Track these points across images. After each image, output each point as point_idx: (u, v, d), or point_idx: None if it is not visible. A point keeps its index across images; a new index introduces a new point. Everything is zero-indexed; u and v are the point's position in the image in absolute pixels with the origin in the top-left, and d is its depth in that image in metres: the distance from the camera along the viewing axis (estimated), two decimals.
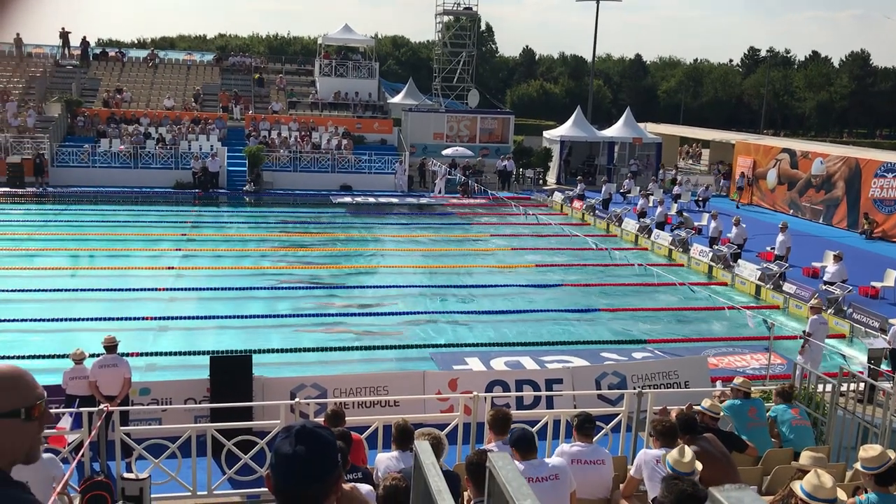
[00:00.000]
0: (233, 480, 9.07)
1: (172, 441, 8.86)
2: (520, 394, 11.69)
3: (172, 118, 38.59)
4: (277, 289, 18.99)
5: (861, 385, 11.14)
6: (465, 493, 5.59)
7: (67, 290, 17.95)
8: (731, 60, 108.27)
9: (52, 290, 17.72)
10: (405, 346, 15.14)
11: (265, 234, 26.12)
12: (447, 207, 33.83)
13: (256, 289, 18.81)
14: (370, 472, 6.53)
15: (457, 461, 8.45)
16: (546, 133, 46.74)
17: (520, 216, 29.82)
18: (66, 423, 8.79)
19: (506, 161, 39.57)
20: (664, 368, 12.83)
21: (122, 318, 15.71)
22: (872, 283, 20.22)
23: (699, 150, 62.97)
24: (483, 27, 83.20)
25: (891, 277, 20.33)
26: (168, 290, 18.34)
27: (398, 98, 50.56)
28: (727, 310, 16.95)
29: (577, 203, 32.95)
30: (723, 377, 13.02)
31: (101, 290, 17.91)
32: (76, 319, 15.58)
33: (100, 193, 32.39)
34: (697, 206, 34.64)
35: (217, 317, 16.35)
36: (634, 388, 10.85)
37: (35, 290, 17.69)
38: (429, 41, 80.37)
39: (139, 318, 15.91)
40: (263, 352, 13.89)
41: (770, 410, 9.10)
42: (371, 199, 34.42)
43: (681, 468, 5.79)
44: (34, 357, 13.24)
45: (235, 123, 39.49)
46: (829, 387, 9.84)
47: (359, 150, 38.39)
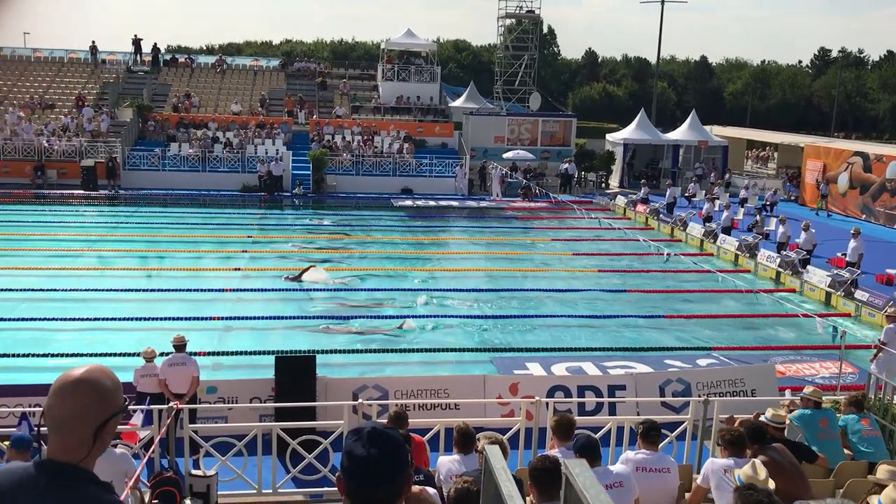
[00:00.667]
0: (296, 479, 9.19)
1: (238, 439, 9.03)
2: (582, 399, 11.58)
3: (239, 123, 39.41)
4: (338, 290, 19.18)
5: None
6: (528, 499, 5.56)
7: (138, 290, 18.47)
8: (801, 61, 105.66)
9: (123, 290, 18.25)
10: (465, 350, 15.14)
11: (327, 237, 26.43)
12: (508, 211, 33.75)
13: (318, 290, 19.05)
14: (432, 475, 6.55)
15: (518, 466, 8.43)
16: (609, 136, 46.26)
17: (581, 220, 29.58)
18: (138, 420, 9.04)
19: (567, 164, 39.29)
20: (730, 376, 12.55)
21: (190, 318, 16.09)
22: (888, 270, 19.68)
23: (767, 154, 61.50)
24: (545, 30, 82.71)
25: None
26: (234, 291, 18.71)
27: (459, 102, 50.65)
28: (796, 317, 16.52)
29: (641, 207, 32.52)
30: (791, 386, 12.68)
31: (170, 291, 18.39)
32: (146, 319, 16.02)
33: (169, 196, 33.28)
34: (764, 211, 33.82)
35: (282, 317, 16.61)
36: (699, 396, 10.64)
37: (106, 290, 18.23)
38: (490, 44, 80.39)
39: (207, 318, 16.28)
40: (326, 352, 14.06)
41: (840, 420, 8.83)
42: (431, 203, 34.58)
43: (756, 484, 5.63)
44: (106, 355, 13.65)
45: (300, 128, 40.11)
46: None
47: (420, 154, 38.61)
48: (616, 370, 13.63)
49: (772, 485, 5.80)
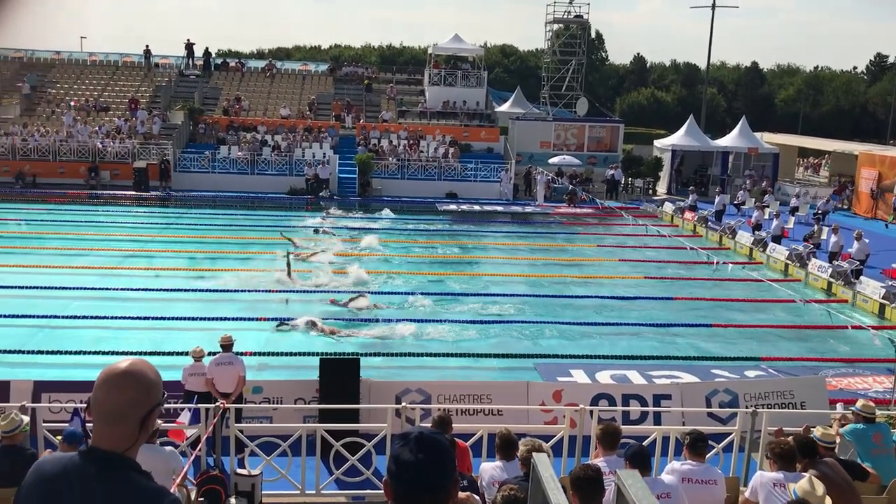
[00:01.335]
0: (339, 481, 9.25)
1: (283, 439, 9.12)
2: (627, 408, 11.45)
3: (288, 126, 39.89)
4: (380, 293, 19.23)
5: None
6: None
7: (186, 290, 18.75)
8: (856, 68, 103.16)
9: (172, 290, 18.57)
10: (509, 356, 15.08)
11: (372, 240, 26.53)
12: (553, 216, 33.58)
13: (362, 293, 19.10)
14: (475, 481, 6.53)
15: (561, 474, 8.36)
16: (657, 142, 45.80)
17: (628, 226, 29.31)
18: (185, 419, 9.18)
19: (614, 170, 38.98)
20: (779, 388, 12.30)
21: (237, 318, 16.31)
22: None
23: (819, 162, 60.27)
24: (593, 34, 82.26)
25: None
26: (281, 292, 18.90)
27: (505, 107, 50.58)
28: (848, 328, 16.13)
29: (689, 214, 32.11)
30: (843, 399, 12.38)
31: (218, 291, 18.66)
32: (194, 318, 16.29)
33: (218, 198, 33.80)
34: (816, 220, 33.11)
35: (326, 318, 16.73)
36: (747, 407, 10.45)
37: (156, 290, 18.58)
38: (538, 49, 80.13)
39: (253, 319, 16.48)
40: (370, 355, 14.12)
41: (894, 435, 8.60)
42: (476, 207, 34.58)
43: (813, 500, 5.50)
44: (155, 353, 13.90)
45: (347, 132, 40.46)
46: None
47: (465, 159, 38.66)
48: (662, 379, 13.46)
49: (829, 501, 5.66)
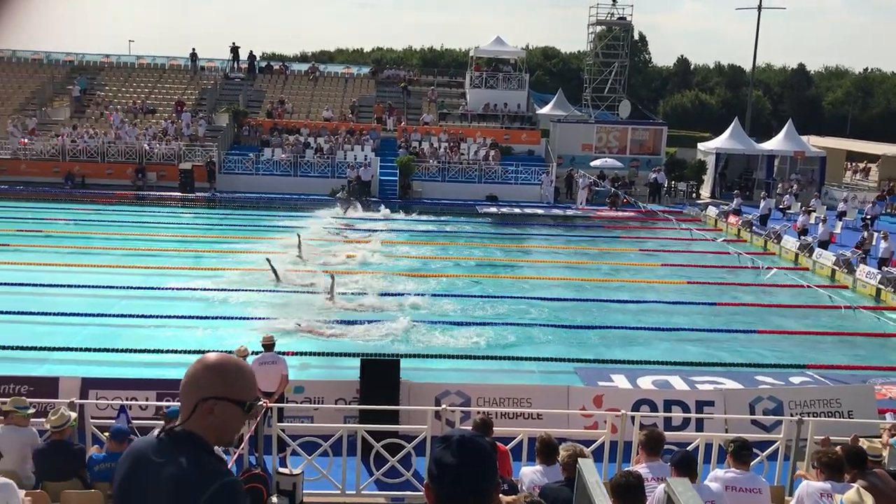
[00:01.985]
0: (379, 482, 9.28)
1: (324, 439, 9.18)
2: (669, 414, 11.32)
3: (330, 129, 40.24)
4: (419, 295, 19.24)
5: None
6: None
7: (227, 290, 18.95)
8: None
9: (216, 290, 18.80)
10: (549, 359, 14.99)
11: (411, 242, 26.64)
12: (594, 219, 33.36)
13: (400, 294, 19.15)
14: (515, 484, 6.52)
15: (602, 480, 8.29)
16: (701, 145, 45.23)
17: (670, 230, 29.00)
18: None
19: (657, 173, 38.60)
20: (825, 396, 12.05)
21: (278, 318, 16.47)
22: None
23: (868, 166, 58.98)
24: (636, 36, 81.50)
25: None
26: (321, 294, 19.03)
27: (547, 109, 50.44)
28: None
29: (733, 218, 31.66)
30: (893, 409, 12.11)
31: (260, 291, 18.87)
32: (236, 319, 16.50)
33: (262, 199, 34.19)
34: (865, 226, 32.41)
35: (366, 322, 16.78)
36: (792, 415, 10.27)
37: (200, 290, 18.81)
38: (580, 51, 79.73)
39: (294, 319, 16.62)
40: (410, 356, 14.15)
41: None
42: (516, 210, 34.50)
43: None
44: (199, 352, 14.10)
45: (388, 134, 40.66)
46: None
47: (506, 161, 38.60)
48: (704, 385, 13.30)
49: None
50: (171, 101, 42.10)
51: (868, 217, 33.32)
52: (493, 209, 34.58)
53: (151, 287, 18.72)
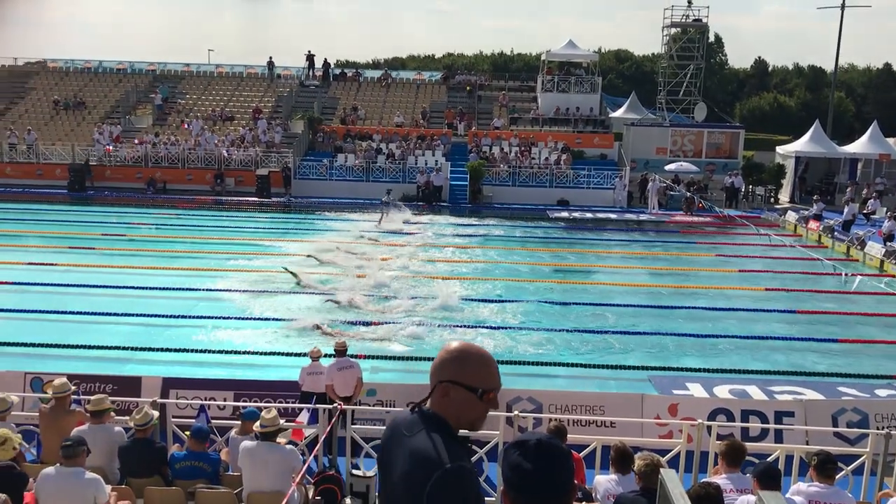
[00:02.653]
0: None
1: None
2: (746, 424, 11.02)
3: (402, 134, 40.61)
4: (490, 301, 19.20)
5: None
6: None
7: (303, 293, 19.29)
8: None
9: (292, 293, 19.17)
10: (622, 367, 14.78)
11: (481, 246, 26.64)
12: (669, 224, 32.79)
13: (472, 301, 19.15)
14: (590, 493, 6.45)
15: None
16: (779, 148, 43.96)
17: (748, 236, 28.29)
18: (304, 418, 9.45)
19: (734, 177, 37.69)
20: None
21: (350, 323, 16.68)
22: None
23: None
24: (712, 38, 79.83)
25: None
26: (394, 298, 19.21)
27: (620, 112, 49.80)
28: None
29: (814, 223, 30.68)
30: None
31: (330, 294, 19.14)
32: (308, 322, 16.76)
33: (336, 204, 34.73)
34: None
35: (441, 325, 16.83)
36: (879, 428, 9.88)
37: (276, 293, 19.22)
38: (654, 54, 78.42)
39: (367, 324, 16.81)
40: None
41: None
42: (588, 215, 34.16)
43: None
44: (274, 353, 14.41)
45: (459, 139, 40.79)
46: None
47: (577, 165, 38.28)
48: (784, 395, 12.91)
49: None
50: (249, 109, 43.16)
51: None
52: (565, 213, 34.32)
53: (229, 290, 19.19)
